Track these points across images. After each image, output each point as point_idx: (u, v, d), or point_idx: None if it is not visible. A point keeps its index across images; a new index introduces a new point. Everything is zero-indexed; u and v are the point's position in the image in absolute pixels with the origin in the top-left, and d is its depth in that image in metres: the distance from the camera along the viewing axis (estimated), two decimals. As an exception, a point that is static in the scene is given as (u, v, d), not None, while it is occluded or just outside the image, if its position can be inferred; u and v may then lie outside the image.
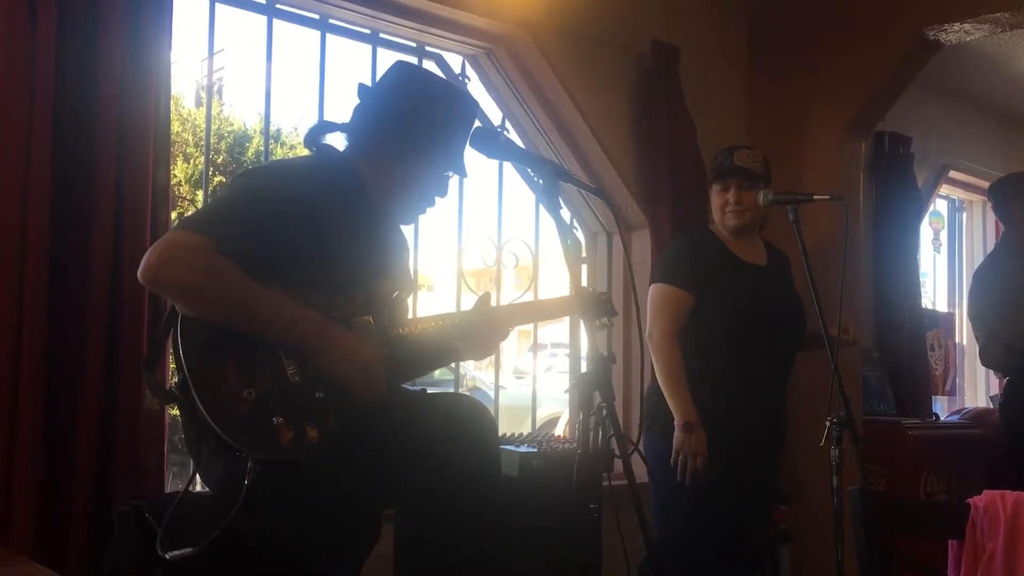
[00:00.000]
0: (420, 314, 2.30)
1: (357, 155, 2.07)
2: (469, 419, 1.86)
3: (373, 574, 2.08)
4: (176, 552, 1.74)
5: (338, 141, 2.12)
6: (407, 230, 2.29)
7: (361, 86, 2.09)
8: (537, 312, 2.40)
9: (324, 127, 2.09)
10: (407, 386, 2.03)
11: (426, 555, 1.79)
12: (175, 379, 1.80)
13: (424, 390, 2.06)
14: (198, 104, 7.14)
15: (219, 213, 1.90)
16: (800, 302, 3.18)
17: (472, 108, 2.13)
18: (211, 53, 3.10)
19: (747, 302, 2.98)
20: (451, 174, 2.10)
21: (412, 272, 2.18)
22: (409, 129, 2.02)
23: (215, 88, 7.02)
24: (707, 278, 2.99)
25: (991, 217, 6.24)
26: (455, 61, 3.66)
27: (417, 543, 1.81)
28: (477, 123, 2.10)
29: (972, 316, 4.32)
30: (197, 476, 1.95)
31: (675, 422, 2.89)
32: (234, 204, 1.91)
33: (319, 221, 1.89)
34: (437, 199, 2.13)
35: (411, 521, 1.82)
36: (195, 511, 1.97)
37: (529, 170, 2.06)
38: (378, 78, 2.14)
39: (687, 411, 2.88)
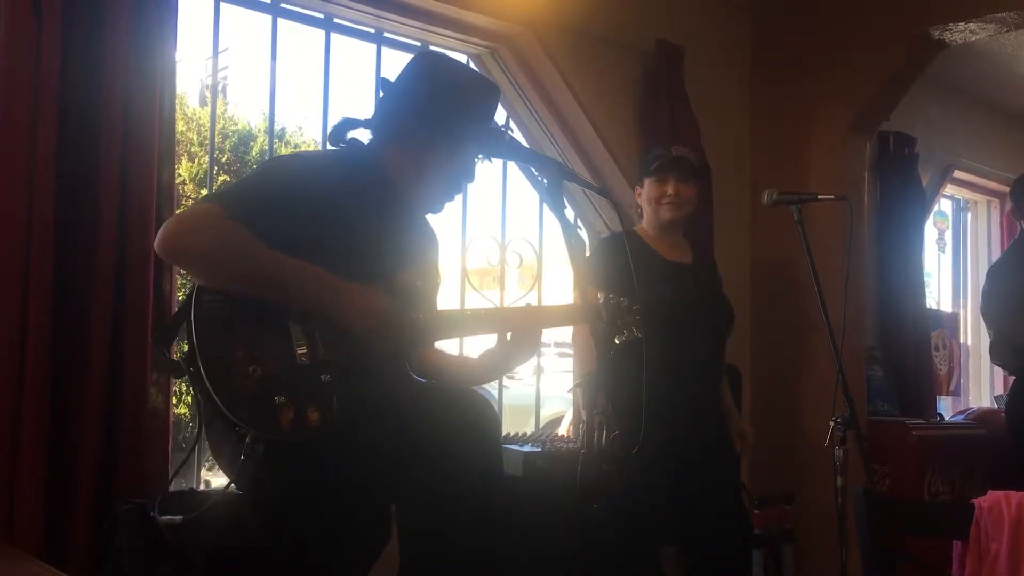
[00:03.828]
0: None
1: (384, 146, 2.08)
2: (476, 414, 1.85)
3: (379, 569, 2.08)
4: (167, 517, 1.75)
5: (362, 138, 2.14)
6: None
7: (384, 80, 2.11)
8: (551, 318, 2.36)
9: (348, 123, 2.10)
10: (417, 377, 2.02)
11: (431, 550, 1.79)
12: (184, 351, 1.80)
13: (430, 383, 2.05)
14: (202, 103, 7.15)
15: (234, 188, 1.96)
16: (727, 301, 3.19)
17: (496, 94, 2.15)
18: (216, 52, 3.11)
19: (665, 301, 2.91)
20: (479, 159, 2.11)
21: (438, 267, 2.18)
22: (440, 113, 2.02)
23: (220, 87, 7.03)
24: (627, 279, 2.97)
25: (996, 217, 6.24)
26: (459, 60, 3.66)
27: (422, 538, 1.80)
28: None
29: (984, 314, 4.31)
30: (195, 469, 1.95)
31: None
32: (250, 182, 1.97)
33: (336, 208, 1.90)
34: (465, 185, 2.14)
35: (415, 515, 1.81)
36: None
37: (533, 169, 2.06)
38: (402, 69, 2.14)
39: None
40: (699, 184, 3.20)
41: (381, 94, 2.10)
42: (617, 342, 2.15)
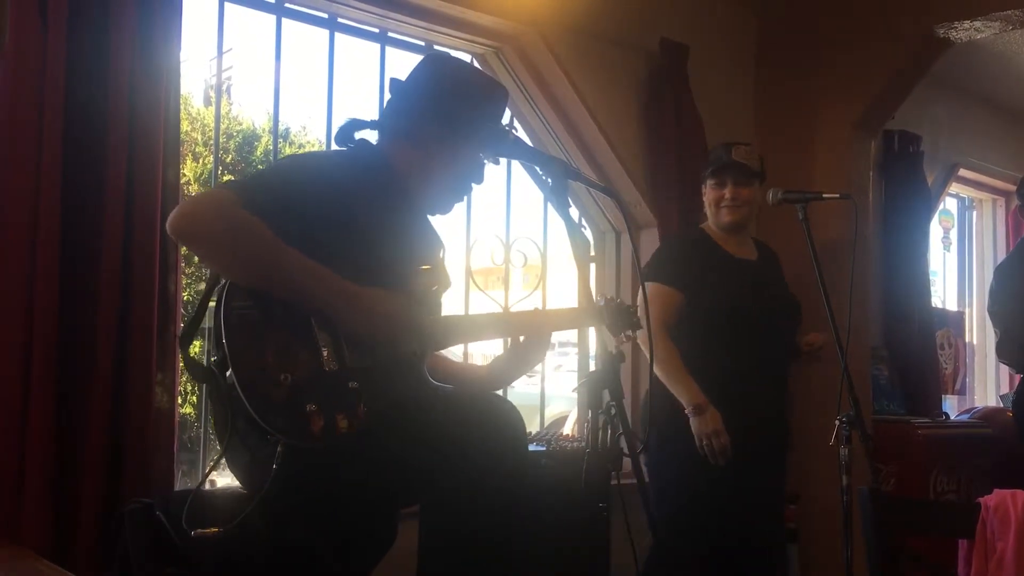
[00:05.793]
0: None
1: (392, 145, 2.07)
2: (503, 417, 1.85)
3: (394, 567, 2.08)
4: (201, 530, 1.74)
5: (369, 139, 2.14)
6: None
7: (394, 80, 2.10)
8: (560, 321, 2.35)
9: (355, 124, 2.09)
10: (439, 383, 2.02)
11: (456, 550, 1.79)
12: (213, 357, 1.78)
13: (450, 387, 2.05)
14: (207, 103, 7.14)
15: (251, 182, 1.95)
16: (792, 296, 3.20)
17: (505, 94, 2.15)
18: (220, 52, 3.11)
19: (740, 297, 2.96)
20: (488, 161, 2.10)
21: (445, 270, 2.19)
22: (451, 111, 2.02)
23: (224, 87, 7.03)
24: (697, 276, 2.99)
25: (1001, 215, 6.22)
26: (467, 62, 3.67)
27: (446, 538, 1.80)
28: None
29: (991, 312, 4.31)
30: (200, 468, 1.95)
31: (686, 410, 2.86)
32: (264, 180, 1.94)
33: (347, 210, 1.89)
34: (473, 186, 2.13)
35: (441, 516, 1.81)
36: (212, 503, 1.97)
37: (537, 168, 2.06)
38: (412, 70, 2.14)
39: (694, 394, 2.86)
40: (761, 185, 3.16)
41: (389, 95, 2.10)
42: (617, 344, 2.15)
